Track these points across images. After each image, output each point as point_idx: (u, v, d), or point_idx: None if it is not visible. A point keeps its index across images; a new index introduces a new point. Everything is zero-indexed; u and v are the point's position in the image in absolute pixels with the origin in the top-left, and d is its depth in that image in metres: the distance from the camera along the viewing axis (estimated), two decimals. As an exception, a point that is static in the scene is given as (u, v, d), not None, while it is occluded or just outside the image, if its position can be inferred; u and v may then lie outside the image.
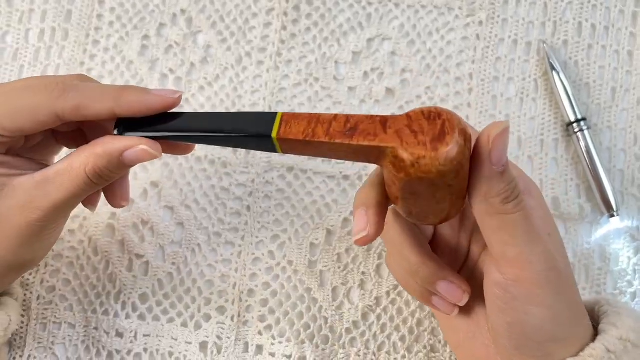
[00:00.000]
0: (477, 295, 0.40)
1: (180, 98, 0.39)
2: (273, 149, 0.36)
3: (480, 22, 0.53)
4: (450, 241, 0.42)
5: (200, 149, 0.51)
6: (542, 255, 0.35)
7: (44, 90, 0.38)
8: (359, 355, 0.48)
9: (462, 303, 0.39)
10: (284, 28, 0.53)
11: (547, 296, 0.35)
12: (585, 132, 0.50)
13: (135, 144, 0.38)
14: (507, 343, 0.37)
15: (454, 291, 0.39)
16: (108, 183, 0.40)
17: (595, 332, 0.38)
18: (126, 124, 0.39)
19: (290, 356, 0.48)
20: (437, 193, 0.33)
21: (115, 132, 0.39)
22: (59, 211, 0.39)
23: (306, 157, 0.51)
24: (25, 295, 0.49)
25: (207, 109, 0.52)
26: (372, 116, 0.34)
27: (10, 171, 0.39)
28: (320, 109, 0.52)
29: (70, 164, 0.38)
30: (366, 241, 0.36)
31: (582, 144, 0.50)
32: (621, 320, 0.37)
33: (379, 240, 0.49)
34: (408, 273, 0.39)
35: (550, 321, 0.36)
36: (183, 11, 0.53)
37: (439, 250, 0.42)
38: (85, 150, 0.38)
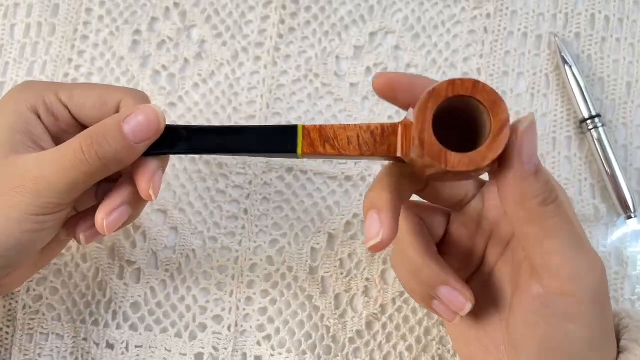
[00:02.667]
0: (491, 305, 0.38)
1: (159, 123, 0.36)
2: (294, 156, 0.36)
3: (488, 15, 0.50)
4: (464, 243, 0.39)
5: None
6: (591, 268, 0.32)
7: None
8: (364, 366, 0.46)
9: (464, 312, 0.36)
10: (282, 22, 0.50)
11: (591, 316, 0.32)
12: (600, 129, 0.48)
13: (134, 111, 0.36)
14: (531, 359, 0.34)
15: (456, 298, 0.36)
16: (116, 164, 0.36)
17: (618, 347, 0.35)
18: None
19: (290, 368, 0.46)
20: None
21: None
22: (69, 190, 0.36)
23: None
24: (10, 304, 0.47)
25: (202, 106, 0.49)
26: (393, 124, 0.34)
27: None
28: (321, 106, 0.49)
29: (77, 142, 0.36)
30: (381, 247, 0.34)
31: (597, 141, 0.48)
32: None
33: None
34: (410, 273, 0.37)
35: (588, 343, 0.33)
36: (176, 4, 0.51)
37: (449, 252, 0.39)
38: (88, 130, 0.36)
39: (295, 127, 0.35)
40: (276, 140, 0.35)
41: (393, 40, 0.50)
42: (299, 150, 0.34)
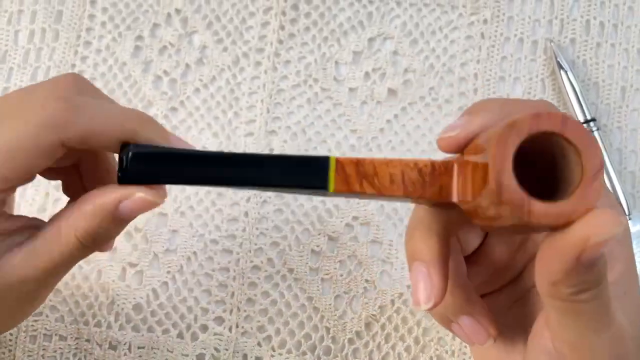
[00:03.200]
0: (518, 325, 0.34)
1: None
2: (323, 193, 0.30)
3: (485, 21, 0.51)
4: (501, 258, 0.35)
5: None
6: (609, 342, 0.28)
7: (47, 114, 0.31)
8: (363, 367, 0.46)
9: (485, 345, 0.33)
10: (282, 28, 0.51)
11: None
12: (595, 133, 0.48)
13: (131, 192, 0.32)
14: None
15: (477, 331, 0.32)
16: (107, 242, 0.35)
17: None
18: (138, 155, 0.32)
19: (290, 368, 0.46)
20: None
21: (123, 157, 0.32)
22: (50, 280, 0.34)
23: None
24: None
25: (203, 111, 0.50)
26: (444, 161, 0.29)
27: None
28: (320, 110, 0.50)
29: (58, 229, 0.33)
30: (432, 308, 0.30)
31: (592, 145, 0.48)
32: None
33: (383, 245, 0.48)
34: None
35: None
36: (178, 11, 0.52)
37: (482, 262, 0.35)
38: (73, 210, 0.32)
39: (326, 159, 0.29)
40: (302, 173, 0.29)
41: (391, 45, 0.51)
42: (331, 188, 0.29)
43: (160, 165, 0.32)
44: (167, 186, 0.48)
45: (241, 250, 0.48)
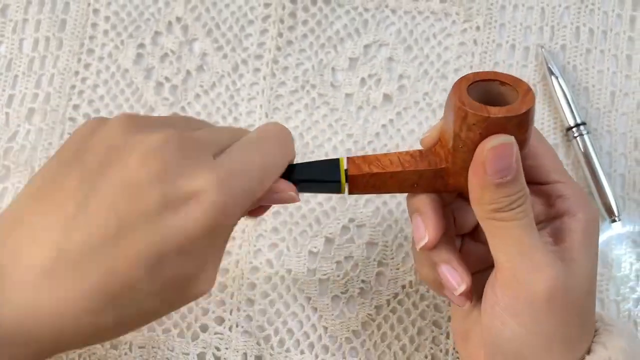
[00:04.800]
0: None
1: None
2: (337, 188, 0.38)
3: (478, 27, 0.52)
4: (477, 254, 0.41)
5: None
6: (536, 273, 0.34)
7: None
8: (360, 365, 0.47)
9: (458, 292, 0.38)
10: (280, 35, 0.52)
11: (533, 319, 0.34)
12: (585, 136, 0.49)
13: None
14: (484, 350, 0.37)
15: (449, 277, 0.38)
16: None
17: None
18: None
19: (289, 367, 0.47)
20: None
21: None
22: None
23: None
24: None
25: (204, 116, 0.51)
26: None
27: None
28: (317, 115, 0.51)
29: None
30: (428, 247, 0.37)
31: (582, 148, 0.49)
32: (611, 340, 0.36)
33: (378, 247, 0.49)
34: (422, 254, 0.39)
35: (528, 344, 0.35)
36: (178, 19, 0.53)
37: (481, 239, 0.41)
38: None
39: (336, 159, 0.38)
40: (321, 171, 0.38)
41: (387, 52, 0.52)
42: (344, 174, 0.38)
43: None
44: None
45: (240, 252, 0.49)
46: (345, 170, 0.38)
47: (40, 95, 0.52)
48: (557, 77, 0.50)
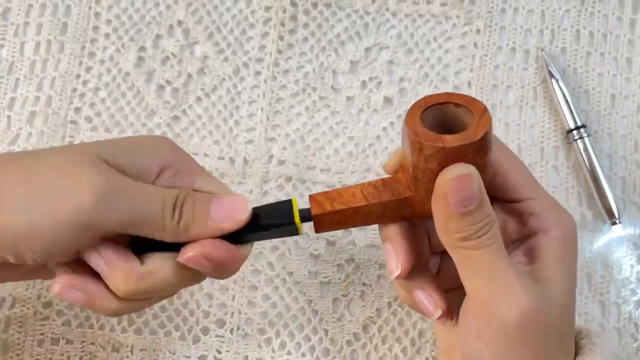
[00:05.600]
0: None
1: (249, 216, 0.37)
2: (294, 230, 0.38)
3: (478, 30, 0.53)
4: (454, 272, 0.40)
5: (198, 160, 0.50)
6: (509, 303, 0.33)
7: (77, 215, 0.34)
8: (361, 368, 0.47)
9: (434, 317, 0.38)
10: (281, 38, 0.53)
11: (503, 343, 0.34)
12: (586, 139, 0.50)
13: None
14: None
15: (425, 304, 0.38)
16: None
17: None
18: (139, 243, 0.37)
19: (290, 369, 0.47)
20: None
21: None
22: None
23: (305, 166, 0.50)
24: (21, 310, 0.48)
25: (205, 119, 0.51)
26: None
27: None
28: (318, 118, 0.51)
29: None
30: (402, 277, 0.37)
31: (583, 151, 0.49)
32: (593, 359, 0.36)
33: (380, 249, 0.49)
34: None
35: None
36: (180, 22, 0.53)
37: (443, 282, 0.41)
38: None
39: (289, 201, 0.37)
40: (273, 216, 0.38)
41: (387, 55, 0.53)
42: (298, 215, 0.37)
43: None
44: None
45: (242, 255, 0.49)
46: (307, 209, 0.37)
47: (41, 99, 0.52)
48: (557, 80, 0.50)
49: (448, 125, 0.34)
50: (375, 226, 0.49)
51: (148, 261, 0.36)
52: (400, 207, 0.36)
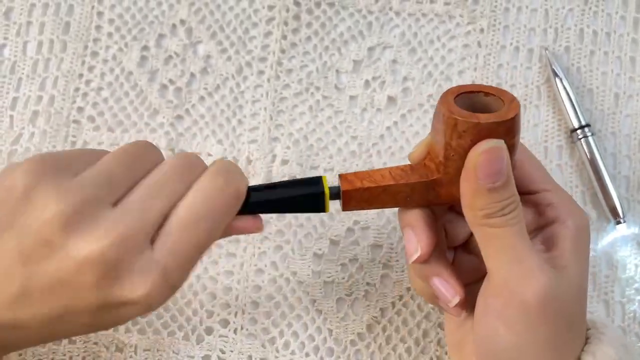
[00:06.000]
0: None
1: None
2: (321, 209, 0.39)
3: (482, 30, 0.52)
4: (470, 266, 0.42)
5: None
6: (526, 279, 0.34)
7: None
8: (365, 368, 0.47)
9: (452, 304, 0.38)
10: (284, 37, 0.52)
11: (522, 324, 0.35)
12: (590, 138, 0.49)
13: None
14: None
15: (442, 290, 0.38)
16: None
17: None
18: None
19: (294, 369, 0.47)
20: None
21: None
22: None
23: (308, 165, 0.50)
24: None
25: (208, 119, 0.51)
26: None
27: None
28: (322, 117, 0.51)
29: None
30: (421, 261, 0.37)
31: (587, 150, 0.49)
32: (601, 349, 0.36)
33: (383, 249, 0.49)
34: (414, 266, 0.39)
35: (516, 349, 0.35)
36: (182, 22, 0.53)
37: (471, 252, 0.42)
38: None
39: (319, 178, 0.39)
40: (303, 188, 0.39)
41: (391, 54, 0.52)
42: (328, 190, 0.38)
43: None
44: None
45: (245, 254, 0.49)
46: (337, 187, 0.38)
47: (44, 98, 0.52)
48: (561, 79, 0.50)
49: (477, 112, 0.36)
50: (380, 227, 0.49)
51: None
52: (427, 189, 0.37)
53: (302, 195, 0.38)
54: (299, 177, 0.50)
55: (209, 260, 0.49)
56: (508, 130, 0.35)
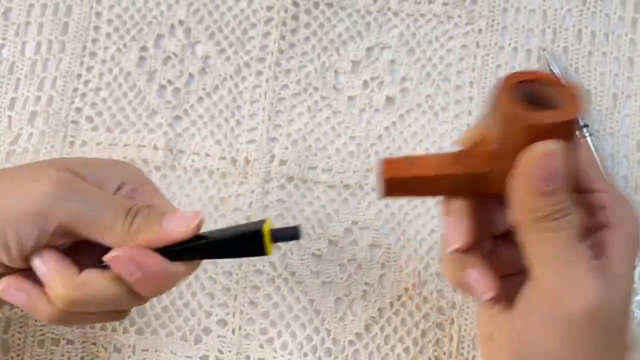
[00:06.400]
0: None
1: (199, 225, 0.38)
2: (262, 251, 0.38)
3: (480, 30, 0.53)
4: (510, 256, 0.39)
5: (200, 160, 0.50)
6: (578, 294, 0.32)
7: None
8: (363, 368, 0.47)
9: (484, 298, 0.36)
10: (283, 38, 0.52)
11: (562, 334, 0.33)
12: (588, 138, 0.49)
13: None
14: (509, 357, 0.35)
15: (477, 283, 0.36)
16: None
17: None
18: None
19: (292, 369, 0.47)
20: None
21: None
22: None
23: (306, 166, 0.50)
24: (22, 311, 0.48)
25: (206, 119, 0.51)
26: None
27: None
28: (320, 118, 0.51)
29: None
30: (461, 251, 0.36)
31: (585, 150, 0.49)
32: None
33: (382, 249, 0.49)
34: (449, 256, 0.37)
35: (552, 358, 0.33)
36: (181, 22, 0.53)
37: (510, 243, 0.38)
38: None
39: (260, 223, 0.38)
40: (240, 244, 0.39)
41: (389, 55, 0.52)
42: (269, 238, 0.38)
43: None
44: (173, 193, 0.49)
45: (244, 255, 0.49)
46: (283, 229, 0.38)
47: (42, 98, 0.52)
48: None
49: (533, 103, 0.34)
50: (379, 228, 0.49)
51: (86, 271, 0.38)
52: (474, 182, 0.35)
53: (242, 235, 0.38)
54: (297, 176, 0.50)
55: (207, 260, 0.49)
56: (568, 129, 0.33)
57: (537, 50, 0.52)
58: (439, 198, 0.37)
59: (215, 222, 0.49)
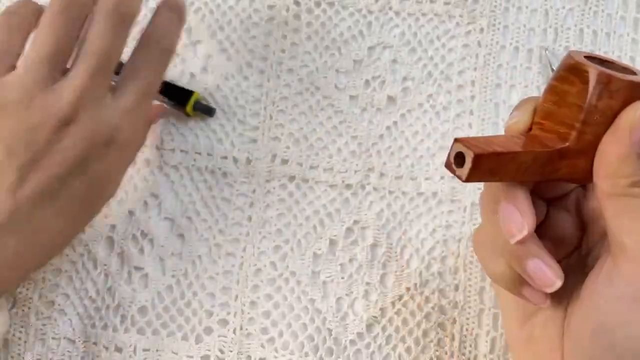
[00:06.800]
0: (568, 293, 0.36)
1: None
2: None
3: (482, 29, 0.52)
4: (563, 231, 0.38)
5: (201, 160, 0.50)
6: None
7: None
8: (364, 368, 0.47)
9: (552, 289, 0.33)
10: (285, 37, 0.52)
11: None
12: (590, 138, 0.49)
13: None
14: (586, 353, 0.32)
15: (545, 273, 0.33)
16: None
17: None
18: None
19: (293, 369, 0.47)
20: None
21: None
22: None
23: (308, 165, 0.50)
24: (22, 310, 0.48)
25: (208, 118, 0.51)
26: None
27: None
28: (322, 117, 0.51)
29: None
30: (527, 240, 0.33)
31: (587, 150, 0.49)
32: None
33: (383, 249, 0.49)
34: (497, 248, 0.35)
35: None
36: (182, 21, 0.53)
37: (546, 235, 0.37)
38: None
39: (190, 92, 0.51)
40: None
41: (390, 54, 0.52)
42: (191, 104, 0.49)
43: None
44: (176, 193, 0.49)
45: (244, 254, 0.49)
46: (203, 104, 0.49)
47: (43, 98, 0.51)
48: (561, 79, 0.50)
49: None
50: (380, 227, 0.49)
51: None
52: (548, 160, 0.33)
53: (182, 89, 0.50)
54: (298, 176, 0.50)
55: (208, 260, 0.49)
56: None
57: (538, 49, 0.52)
58: (442, 195, 0.37)
59: (216, 222, 0.49)
